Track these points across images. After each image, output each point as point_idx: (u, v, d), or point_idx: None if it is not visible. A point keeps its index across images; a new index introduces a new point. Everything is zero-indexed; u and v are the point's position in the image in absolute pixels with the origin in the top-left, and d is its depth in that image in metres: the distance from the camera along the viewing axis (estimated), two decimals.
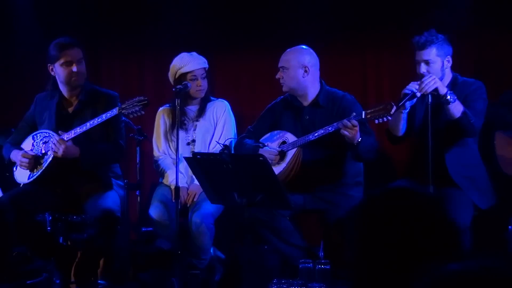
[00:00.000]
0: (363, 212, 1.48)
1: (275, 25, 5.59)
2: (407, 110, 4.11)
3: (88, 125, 4.14)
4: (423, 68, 4.08)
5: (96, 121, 4.14)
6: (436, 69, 4.08)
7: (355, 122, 3.96)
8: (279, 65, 4.42)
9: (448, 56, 4.12)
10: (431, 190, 3.85)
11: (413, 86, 3.97)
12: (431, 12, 4.98)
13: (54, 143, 4.11)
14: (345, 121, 3.97)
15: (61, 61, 4.25)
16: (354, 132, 3.96)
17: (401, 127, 4.18)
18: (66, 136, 4.13)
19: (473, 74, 4.32)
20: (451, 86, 4.13)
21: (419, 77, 4.06)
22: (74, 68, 4.23)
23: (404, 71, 5.25)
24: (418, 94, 3.97)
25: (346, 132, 3.96)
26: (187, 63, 4.67)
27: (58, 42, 4.29)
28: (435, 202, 1.47)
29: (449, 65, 4.15)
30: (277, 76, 4.41)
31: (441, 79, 4.08)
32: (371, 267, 1.42)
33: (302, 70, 4.36)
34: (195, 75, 4.67)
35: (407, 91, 3.98)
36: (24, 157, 4.22)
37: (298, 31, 5.30)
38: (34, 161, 4.24)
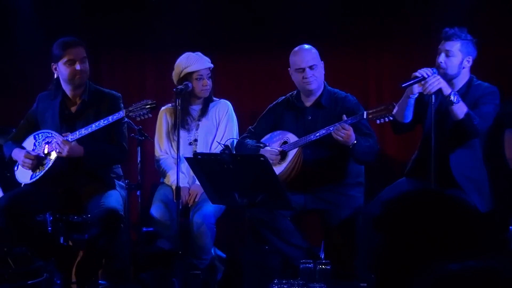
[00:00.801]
0: (392, 216, 1.48)
1: (276, 26, 5.59)
2: (415, 96, 4.08)
3: (93, 126, 4.14)
4: (442, 57, 4.07)
5: (102, 123, 4.14)
6: (454, 63, 4.08)
7: (347, 127, 3.96)
8: (310, 63, 4.35)
9: (470, 57, 4.10)
10: None
11: (424, 71, 3.96)
12: (433, 14, 4.98)
13: (58, 144, 4.11)
14: (337, 125, 3.98)
15: (64, 59, 4.26)
16: (346, 136, 3.97)
17: (407, 113, 4.14)
18: (70, 137, 4.14)
19: (483, 76, 4.31)
20: (466, 87, 4.13)
21: (436, 66, 4.07)
22: (78, 67, 4.24)
23: (405, 73, 5.25)
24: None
25: (338, 137, 3.97)
26: (194, 62, 4.67)
27: (61, 41, 4.30)
28: (460, 201, 1.47)
29: (468, 65, 4.13)
30: (308, 75, 4.34)
31: (456, 75, 4.09)
32: (397, 270, 1.42)
33: (323, 65, 4.41)
34: (201, 75, 4.66)
35: (417, 74, 3.96)
36: (26, 157, 4.22)
37: (299, 32, 5.30)
38: (37, 162, 4.24)
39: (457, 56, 4.08)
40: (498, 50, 5.06)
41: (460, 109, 3.92)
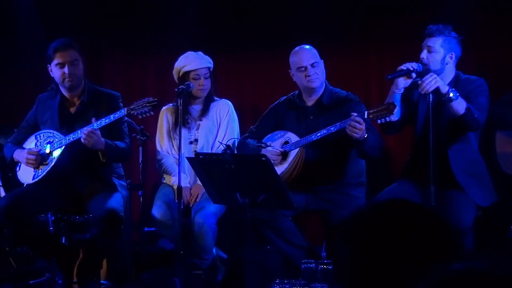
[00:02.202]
0: (359, 227, 1.44)
1: (278, 25, 5.60)
2: (401, 91, 4.07)
3: (95, 125, 4.13)
4: (423, 53, 4.08)
5: (103, 121, 4.14)
6: (436, 59, 4.07)
7: (361, 121, 3.95)
8: (311, 61, 4.34)
9: (452, 53, 4.10)
10: (433, 190, 3.83)
11: (410, 64, 3.97)
12: (434, 13, 4.98)
13: (85, 133, 4.06)
14: (352, 122, 3.95)
15: (55, 62, 4.28)
16: (361, 131, 3.96)
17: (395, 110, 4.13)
18: (96, 124, 4.11)
19: (475, 74, 4.32)
20: (454, 83, 4.13)
21: (420, 62, 4.07)
22: (66, 70, 4.25)
23: None
24: (414, 75, 3.97)
25: (355, 134, 3.95)
26: (191, 61, 4.66)
27: (53, 43, 4.31)
28: (431, 211, 1.44)
29: (452, 61, 4.12)
30: (311, 73, 4.34)
31: (440, 71, 4.08)
32: (368, 276, 1.39)
33: (323, 66, 4.40)
34: (197, 74, 4.66)
35: (403, 67, 3.98)
36: (30, 154, 4.22)
37: (301, 32, 5.30)
38: (41, 159, 4.24)
39: (439, 52, 4.08)
40: (496, 48, 5.08)
41: (460, 105, 3.91)
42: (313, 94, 4.44)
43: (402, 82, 4.03)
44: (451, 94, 3.88)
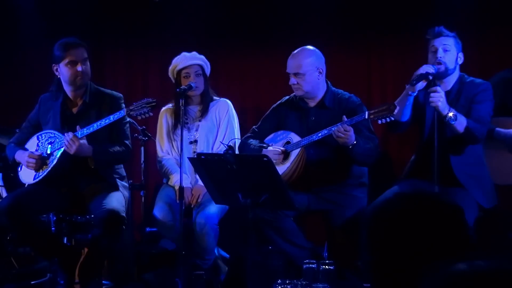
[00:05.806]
0: (379, 217, 1.45)
1: (280, 26, 5.60)
2: (415, 94, 4.05)
3: (95, 126, 4.14)
4: (440, 52, 4.02)
5: (103, 122, 4.14)
6: (451, 58, 4.05)
7: (348, 128, 3.96)
8: (292, 71, 4.33)
9: (461, 53, 4.11)
10: (436, 189, 3.84)
11: (427, 68, 3.94)
12: (435, 15, 4.99)
13: (67, 140, 4.09)
14: (338, 126, 3.97)
15: (66, 60, 4.25)
16: (345, 137, 3.96)
17: (405, 112, 4.09)
18: (80, 133, 4.12)
19: (476, 75, 4.32)
20: (459, 84, 4.12)
21: (433, 64, 4.02)
22: (79, 68, 4.24)
23: (409, 73, 5.24)
24: (430, 77, 3.96)
25: (338, 138, 3.97)
26: (181, 61, 4.68)
27: (62, 42, 4.29)
28: (449, 204, 1.45)
29: (461, 62, 4.13)
30: (291, 82, 4.35)
31: (453, 71, 4.07)
32: (387, 269, 1.40)
33: (317, 72, 4.35)
34: (187, 72, 4.66)
35: (422, 71, 3.94)
36: (31, 157, 4.22)
37: (302, 32, 5.31)
38: (41, 162, 4.25)
39: (452, 51, 4.06)
40: (498, 48, 5.08)
41: (460, 125, 3.91)
42: (316, 96, 4.43)
43: (419, 86, 4.00)
44: (451, 114, 3.87)
